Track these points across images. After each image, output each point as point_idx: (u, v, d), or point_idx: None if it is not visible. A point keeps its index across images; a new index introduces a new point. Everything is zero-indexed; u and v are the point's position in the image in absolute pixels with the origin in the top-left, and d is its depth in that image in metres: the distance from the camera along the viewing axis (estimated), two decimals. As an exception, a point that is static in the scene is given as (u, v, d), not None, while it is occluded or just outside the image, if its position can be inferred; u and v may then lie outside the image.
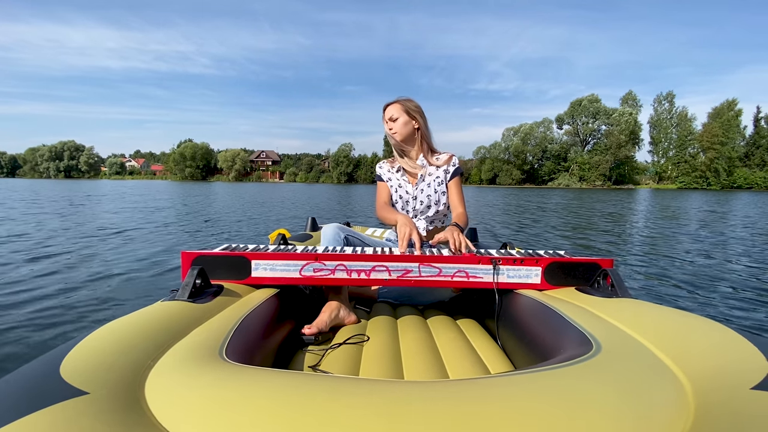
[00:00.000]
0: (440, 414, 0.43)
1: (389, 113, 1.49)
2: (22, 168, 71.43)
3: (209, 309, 0.84)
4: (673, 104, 48.23)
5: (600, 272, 1.05)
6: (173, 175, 64.54)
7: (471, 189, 35.18)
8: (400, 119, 1.47)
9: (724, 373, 0.54)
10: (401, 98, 1.51)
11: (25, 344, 1.70)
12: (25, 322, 1.94)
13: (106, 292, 2.49)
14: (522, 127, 50.52)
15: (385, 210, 1.45)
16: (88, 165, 68.92)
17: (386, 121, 1.50)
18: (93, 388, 0.47)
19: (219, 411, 0.44)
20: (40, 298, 2.32)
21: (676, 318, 0.74)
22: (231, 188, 26.84)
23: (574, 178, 47.43)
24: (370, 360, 0.93)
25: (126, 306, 2.24)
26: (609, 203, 14.28)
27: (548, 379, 0.53)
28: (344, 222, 2.88)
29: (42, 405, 0.42)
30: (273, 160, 70.47)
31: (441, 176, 1.50)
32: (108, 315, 2.09)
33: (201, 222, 6.72)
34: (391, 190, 1.55)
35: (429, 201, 1.50)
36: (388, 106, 1.50)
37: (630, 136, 45.30)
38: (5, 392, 0.45)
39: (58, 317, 2.03)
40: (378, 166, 1.62)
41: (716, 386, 0.51)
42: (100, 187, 23.93)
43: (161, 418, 0.45)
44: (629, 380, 0.53)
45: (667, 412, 0.46)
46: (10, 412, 0.40)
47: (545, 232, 6.33)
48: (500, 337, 1.10)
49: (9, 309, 2.11)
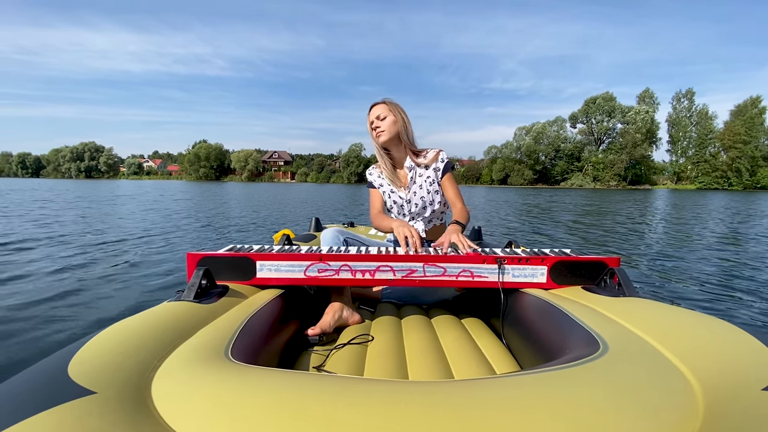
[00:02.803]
0: (445, 415, 0.43)
1: (376, 113, 1.45)
2: (45, 168, 73.87)
3: (215, 309, 0.85)
4: (693, 102, 46.95)
5: (607, 271, 1.04)
6: (188, 176, 65.72)
7: (481, 189, 34.87)
8: (388, 118, 1.44)
9: (735, 374, 0.53)
10: (385, 99, 1.48)
11: (33, 344, 1.72)
12: (34, 321, 1.97)
13: (113, 292, 2.52)
14: (534, 126, 49.77)
15: (379, 218, 1.44)
16: (108, 165, 70.77)
17: (371, 121, 1.46)
18: (100, 387, 0.48)
19: (225, 411, 0.45)
20: (49, 298, 2.35)
21: (684, 318, 0.73)
22: (242, 188, 27.15)
23: (587, 178, 46.56)
24: (374, 360, 0.93)
25: (132, 306, 2.27)
26: (625, 203, 13.97)
27: (555, 380, 0.53)
28: (348, 222, 2.88)
29: (50, 404, 0.42)
30: (285, 161, 71.14)
31: (432, 176, 1.48)
32: (115, 315, 2.10)
33: (206, 223, 6.80)
34: (384, 196, 1.54)
35: (423, 203, 1.48)
36: (375, 106, 1.47)
37: (646, 135, 44.28)
38: (14, 392, 0.46)
39: (65, 317, 2.05)
40: (368, 173, 1.59)
41: (726, 387, 0.50)
42: (114, 187, 24.37)
43: (168, 418, 0.45)
44: (637, 381, 0.52)
45: (676, 414, 0.46)
46: (19, 412, 0.41)
47: (556, 231, 6.24)
48: (506, 337, 1.09)
49: (19, 308, 2.15)
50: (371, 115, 1.47)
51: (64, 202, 10.77)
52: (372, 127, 1.47)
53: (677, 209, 11.39)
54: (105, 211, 8.30)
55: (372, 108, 1.48)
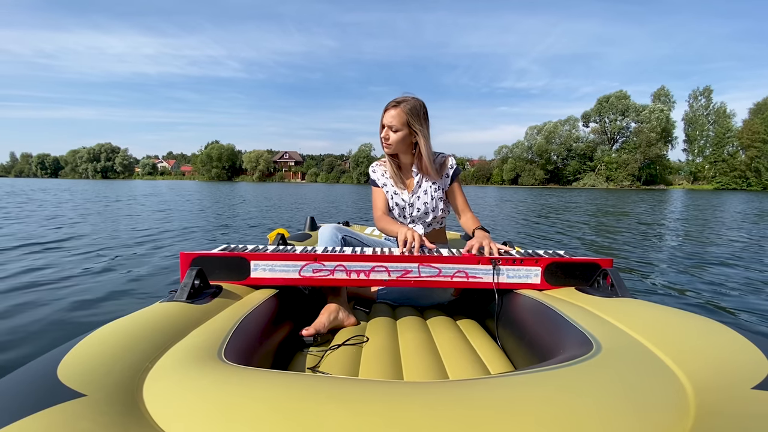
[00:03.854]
0: (440, 415, 0.43)
1: (389, 119, 1.31)
2: (63, 169, 75.91)
3: (208, 310, 0.84)
4: (711, 100, 45.84)
5: (600, 272, 1.05)
6: (201, 176, 66.77)
7: (491, 189, 34.57)
8: (400, 132, 1.31)
9: (725, 373, 0.53)
10: (408, 99, 1.30)
11: (21, 346, 1.68)
12: (22, 322, 1.92)
13: (105, 293, 2.45)
14: (546, 125, 49.14)
15: (384, 220, 1.41)
16: (123, 166, 72.42)
17: (383, 125, 1.34)
18: (90, 390, 0.47)
19: (217, 412, 0.44)
20: (38, 299, 2.29)
21: (676, 318, 0.73)
22: (251, 189, 27.34)
23: (600, 178, 45.79)
24: (369, 361, 0.93)
25: (124, 307, 2.20)
26: (641, 204, 13.69)
27: (548, 380, 0.53)
28: (343, 222, 2.87)
29: (39, 407, 0.42)
30: (296, 161, 71.67)
31: (439, 182, 1.45)
32: (106, 317, 2.01)
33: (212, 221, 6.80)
34: (387, 195, 1.49)
35: (426, 208, 1.45)
36: (390, 108, 1.31)
37: (661, 134, 43.30)
38: (2, 394, 0.45)
39: (55, 318, 2.00)
40: (371, 170, 1.52)
41: (717, 386, 0.51)
42: (125, 187, 24.55)
43: (159, 420, 0.45)
44: (629, 380, 0.53)
45: (668, 413, 0.46)
46: (7, 415, 0.40)
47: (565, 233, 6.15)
48: (500, 338, 1.09)
49: (7, 309, 2.10)
50: (384, 119, 1.33)
51: (62, 201, 10.95)
52: (382, 134, 1.36)
53: (692, 209, 11.11)
54: (112, 211, 8.33)
55: (387, 110, 1.31)
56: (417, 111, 1.31)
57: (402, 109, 1.30)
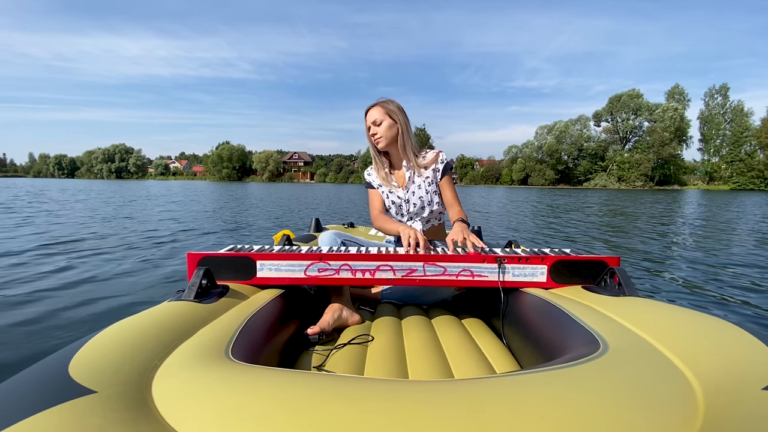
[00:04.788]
0: (445, 413, 0.43)
1: (372, 117, 1.41)
2: (80, 169, 77.64)
3: (215, 309, 0.85)
4: (727, 98, 44.49)
5: (607, 270, 1.03)
6: (212, 176, 67.65)
7: (500, 189, 34.28)
8: (385, 122, 1.41)
9: (735, 374, 0.52)
10: (381, 100, 1.43)
11: (34, 343, 1.72)
12: (35, 319, 1.98)
13: (114, 292, 2.51)
14: (556, 124, 48.49)
15: (382, 219, 1.44)
16: (136, 166, 73.68)
17: (369, 126, 1.44)
18: (101, 387, 0.48)
19: (225, 410, 0.45)
20: (51, 296, 2.36)
21: (684, 317, 0.72)
22: (261, 189, 27.55)
23: (612, 179, 44.99)
24: (374, 360, 0.93)
25: (133, 306, 2.26)
26: (654, 206, 13.41)
27: (554, 379, 0.53)
28: (348, 223, 2.87)
29: (51, 404, 0.42)
30: (305, 161, 72.10)
31: (431, 176, 1.47)
32: (115, 315, 2.05)
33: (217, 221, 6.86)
34: (383, 196, 1.53)
35: (422, 202, 1.48)
36: (370, 109, 1.43)
37: (675, 133, 42.37)
38: (15, 391, 0.46)
39: (66, 316, 2.06)
40: (366, 173, 1.58)
41: (727, 387, 0.50)
42: (138, 187, 24.92)
43: (168, 417, 0.45)
44: (637, 381, 0.52)
45: (676, 414, 0.45)
46: (20, 411, 0.41)
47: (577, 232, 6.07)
48: (506, 336, 1.08)
49: (20, 306, 2.17)
50: (368, 120, 1.44)
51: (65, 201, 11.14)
52: (369, 133, 1.45)
53: (704, 209, 10.85)
54: (126, 210, 8.51)
55: (368, 112, 1.44)
56: (393, 105, 1.43)
57: (380, 106, 1.43)
